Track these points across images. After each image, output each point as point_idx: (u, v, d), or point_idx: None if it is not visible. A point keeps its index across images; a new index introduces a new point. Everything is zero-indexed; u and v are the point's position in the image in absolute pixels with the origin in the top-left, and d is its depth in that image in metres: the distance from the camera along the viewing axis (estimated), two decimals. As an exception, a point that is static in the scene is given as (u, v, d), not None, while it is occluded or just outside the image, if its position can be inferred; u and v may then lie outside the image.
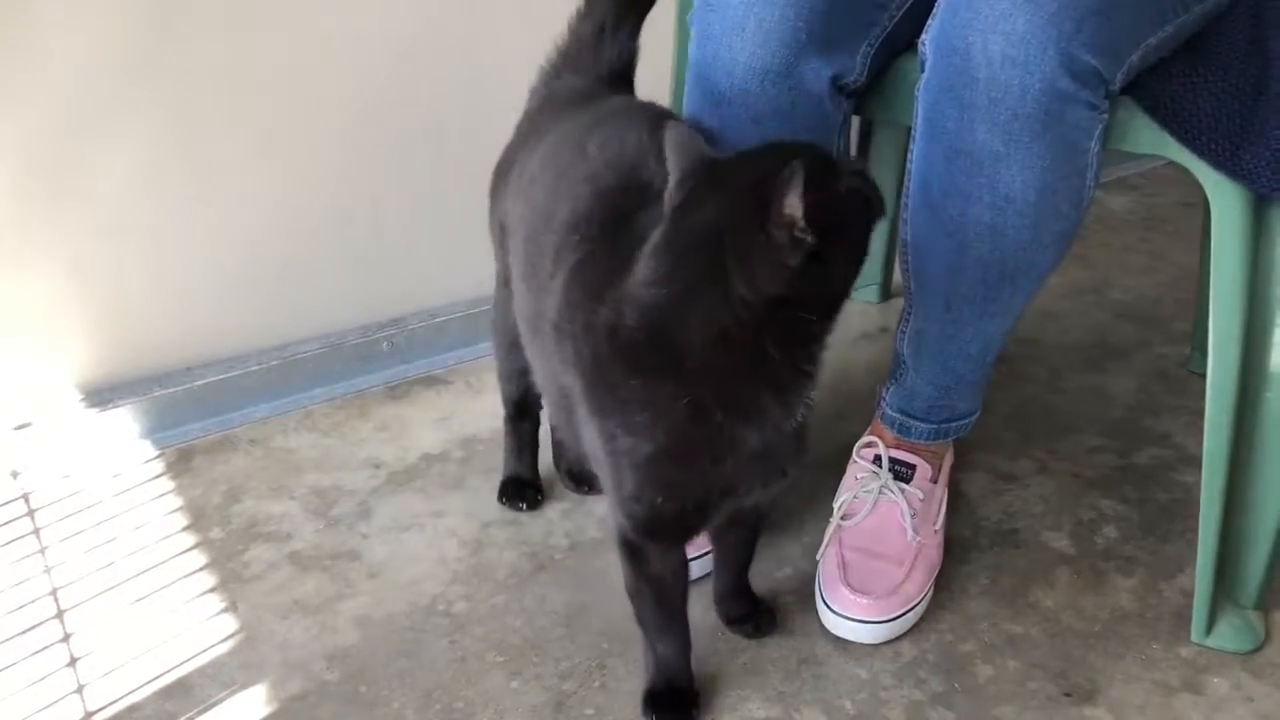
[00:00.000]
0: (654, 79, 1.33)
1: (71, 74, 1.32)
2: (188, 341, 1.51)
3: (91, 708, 1.08)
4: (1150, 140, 1.03)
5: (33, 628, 1.17)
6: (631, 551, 1.01)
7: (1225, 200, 1.02)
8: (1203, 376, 1.08)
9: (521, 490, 1.34)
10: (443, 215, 1.58)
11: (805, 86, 1.04)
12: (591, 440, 0.95)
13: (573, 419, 0.99)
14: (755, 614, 1.17)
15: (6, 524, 1.32)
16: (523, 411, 1.32)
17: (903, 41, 1.10)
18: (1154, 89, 1.01)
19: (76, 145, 1.35)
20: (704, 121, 1.06)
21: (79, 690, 1.10)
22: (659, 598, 1.03)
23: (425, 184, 1.58)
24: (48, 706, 1.08)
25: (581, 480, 1.35)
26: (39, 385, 1.42)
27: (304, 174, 1.51)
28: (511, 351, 1.21)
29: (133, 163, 1.39)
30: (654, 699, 1.06)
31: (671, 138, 0.87)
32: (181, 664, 1.13)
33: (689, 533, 1.01)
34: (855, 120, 1.17)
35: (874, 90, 1.13)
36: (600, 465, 0.96)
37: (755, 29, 1.00)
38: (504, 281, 1.18)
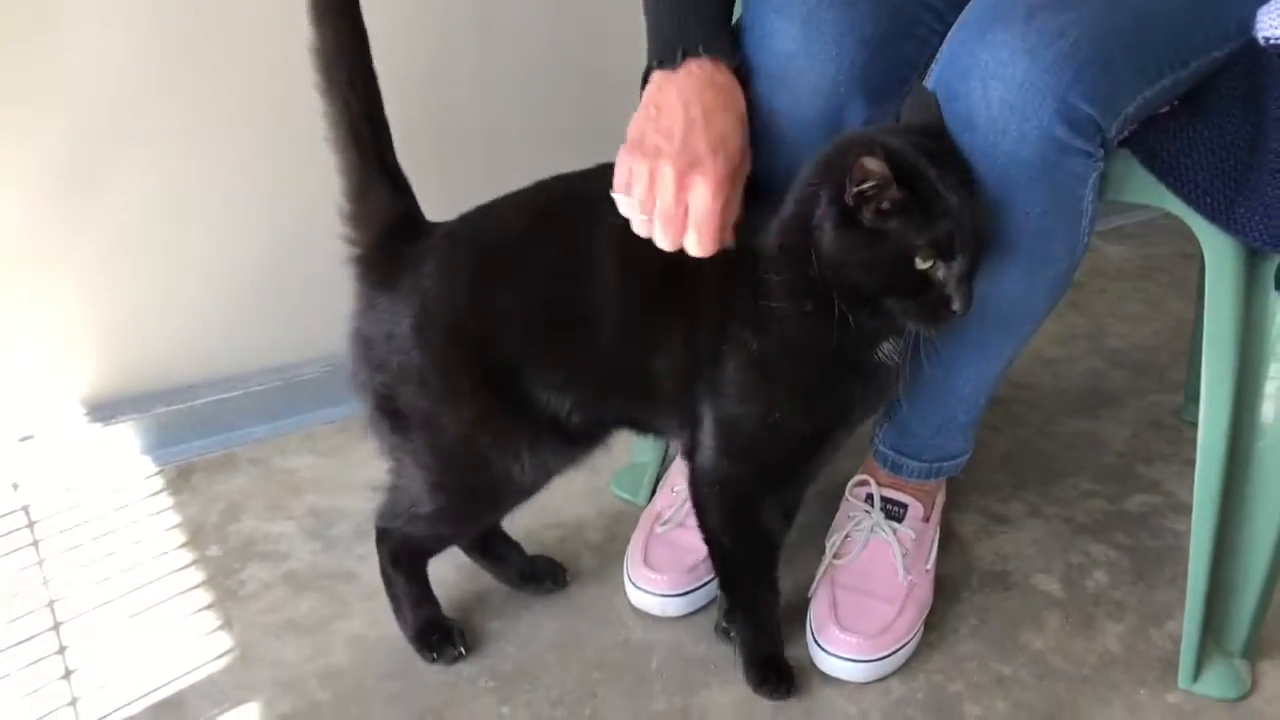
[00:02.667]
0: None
1: (87, 100, 1.34)
2: (191, 360, 1.52)
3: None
4: (1147, 192, 1.05)
5: (29, 639, 1.18)
6: (746, 511, 1.11)
7: (1219, 252, 1.04)
8: (1195, 425, 1.10)
9: (449, 632, 1.18)
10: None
11: None
12: (719, 392, 1.03)
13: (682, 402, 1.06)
14: None
15: (6, 535, 1.33)
16: (430, 555, 1.19)
17: None
18: (1151, 142, 1.03)
19: (86, 168, 1.37)
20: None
21: (73, 703, 1.11)
22: (766, 553, 1.15)
23: (428, 211, 1.59)
24: (42, 718, 1.09)
25: (536, 577, 1.27)
26: (42, 399, 1.43)
27: (307, 200, 1.51)
28: (473, 521, 1.19)
29: (140, 185, 1.41)
30: (766, 663, 1.16)
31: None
32: (175, 680, 1.14)
33: (798, 472, 1.12)
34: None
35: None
36: (732, 414, 1.04)
37: (796, 79, 1.03)
38: (495, 443, 1.06)
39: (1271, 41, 1.04)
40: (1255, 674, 1.17)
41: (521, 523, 1.34)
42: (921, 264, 0.93)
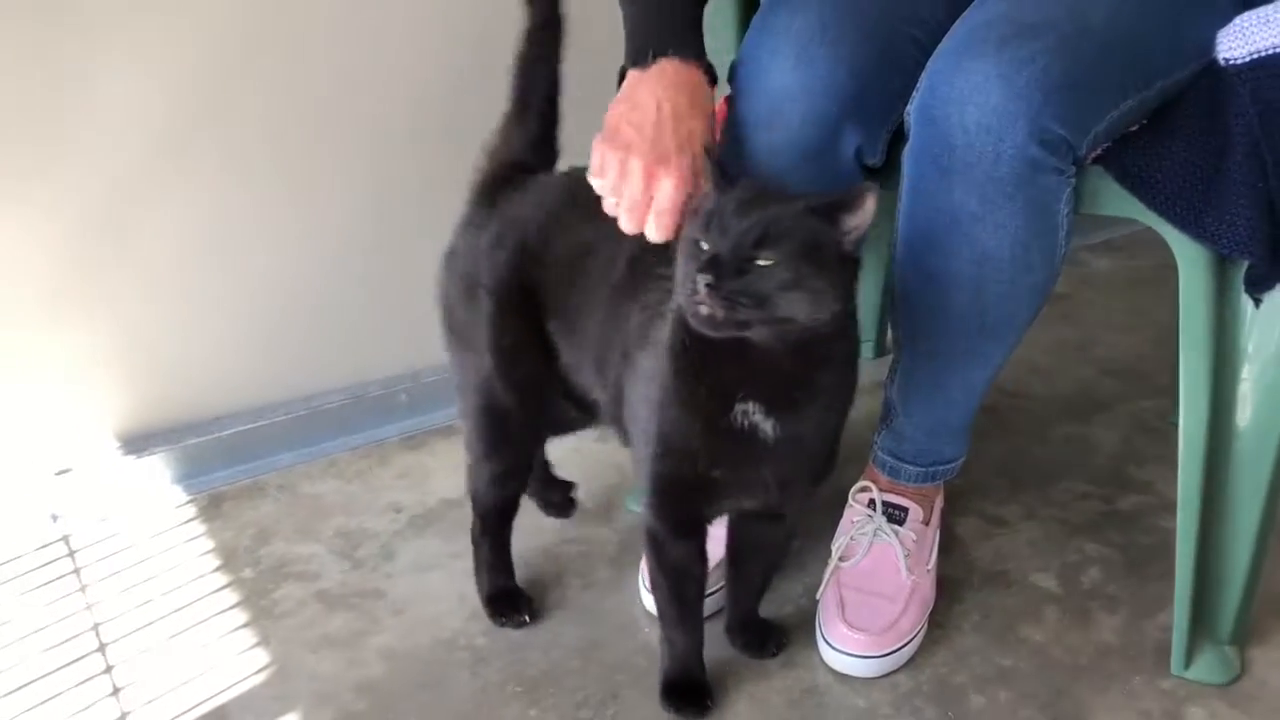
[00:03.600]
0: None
1: (121, 146, 1.42)
2: (218, 393, 1.59)
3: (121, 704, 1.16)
4: (1121, 205, 1.12)
5: (76, 660, 1.24)
6: (653, 541, 1.12)
7: (1190, 260, 1.12)
8: (1182, 428, 1.16)
9: (515, 601, 1.30)
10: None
11: (835, 165, 1.14)
12: (636, 408, 1.09)
13: (625, 404, 1.11)
14: (767, 637, 1.26)
15: (49, 564, 1.39)
16: (506, 516, 1.29)
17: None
18: (1123, 159, 1.10)
19: (119, 210, 1.44)
20: None
21: (122, 717, 1.17)
22: (676, 590, 1.14)
23: (441, 254, 1.67)
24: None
25: (550, 504, 1.45)
26: (79, 433, 1.50)
27: (328, 239, 1.60)
28: (503, 446, 1.24)
29: (169, 227, 1.48)
30: (672, 689, 1.17)
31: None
32: (218, 694, 1.20)
33: (696, 512, 1.11)
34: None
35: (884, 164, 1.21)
36: (637, 434, 1.09)
37: (792, 112, 1.11)
38: (496, 367, 1.18)
39: (1231, 62, 1.11)
40: (1244, 659, 1.23)
41: (541, 541, 1.42)
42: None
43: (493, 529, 1.29)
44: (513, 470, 1.27)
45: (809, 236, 0.93)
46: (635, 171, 1.02)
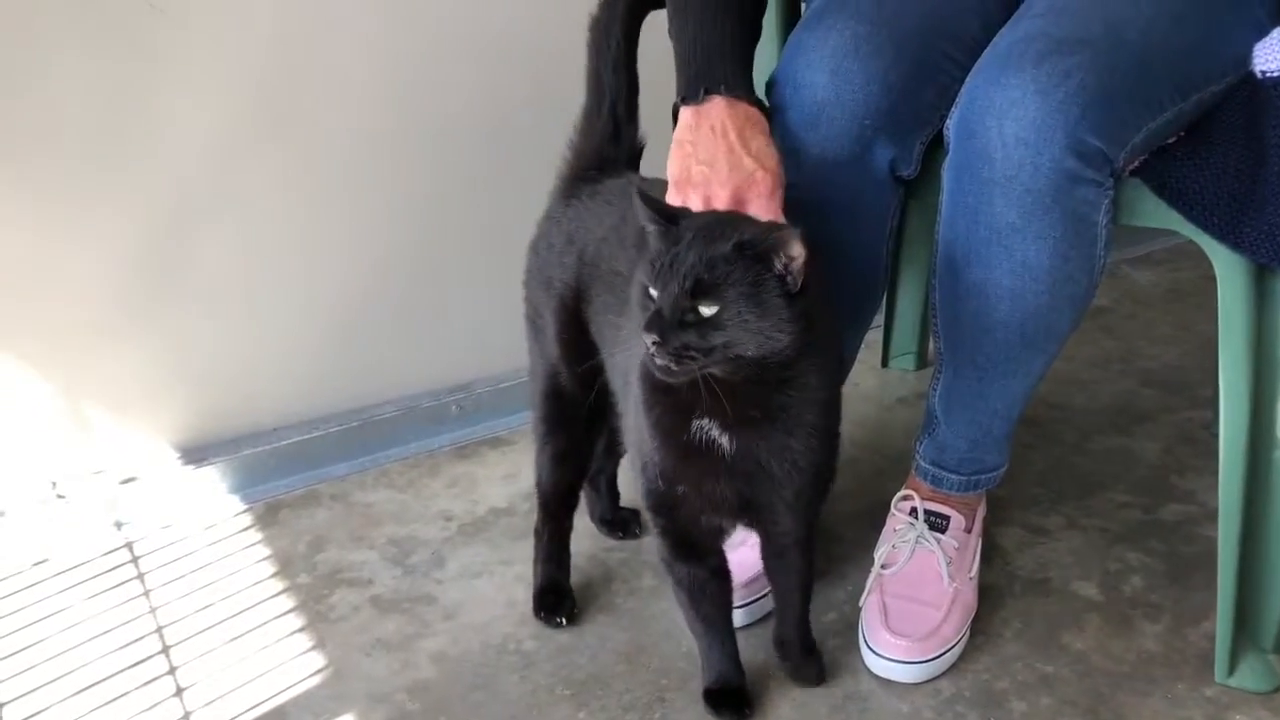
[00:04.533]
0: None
1: (180, 167, 1.47)
2: (275, 405, 1.64)
3: (189, 708, 1.20)
4: (1159, 217, 1.14)
5: (141, 661, 1.29)
6: (663, 560, 1.16)
7: (1229, 270, 1.13)
8: (1226, 438, 1.17)
9: (560, 601, 1.34)
10: (505, 293, 1.71)
11: (868, 175, 1.17)
12: (628, 431, 1.14)
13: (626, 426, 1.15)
14: (805, 663, 1.25)
15: (114, 569, 1.44)
16: (567, 504, 1.33)
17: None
18: (1161, 171, 1.12)
19: (178, 230, 1.50)
20: None
21: (186, 716, 1.21)
22: (693, 606, 1.17)
23: (490, 267, 1.71)
24: (152, 706, 1.19)
25: (614, 525, 1.48)
26: (142, 444, 1.55)
27: (380, 255, 1.65)
28: (565, 426, 1.28)
29: (227, 246, 1.54)
30: (711, 695, 1.20)
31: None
32: (277, 695, 1.24)
33: (685, 531, 1.12)
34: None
35: (918, 176, 1.24)
36: (632, 454, 1.14)
37: (827, 124, 1.14)
38: (561, 356, 1.24)
39: (1268, 75, 1.13)
40: (1288, 667, 1.23)
41: (587, 547, 1.45)
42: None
43: (554, 516, 1.34)
44: (572, 451, 1.30)
45: (746, 278, 0.94)
46: (723, 202, 1.05)
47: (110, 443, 1.53)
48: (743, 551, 1.35)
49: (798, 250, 0.94)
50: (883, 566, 1.32)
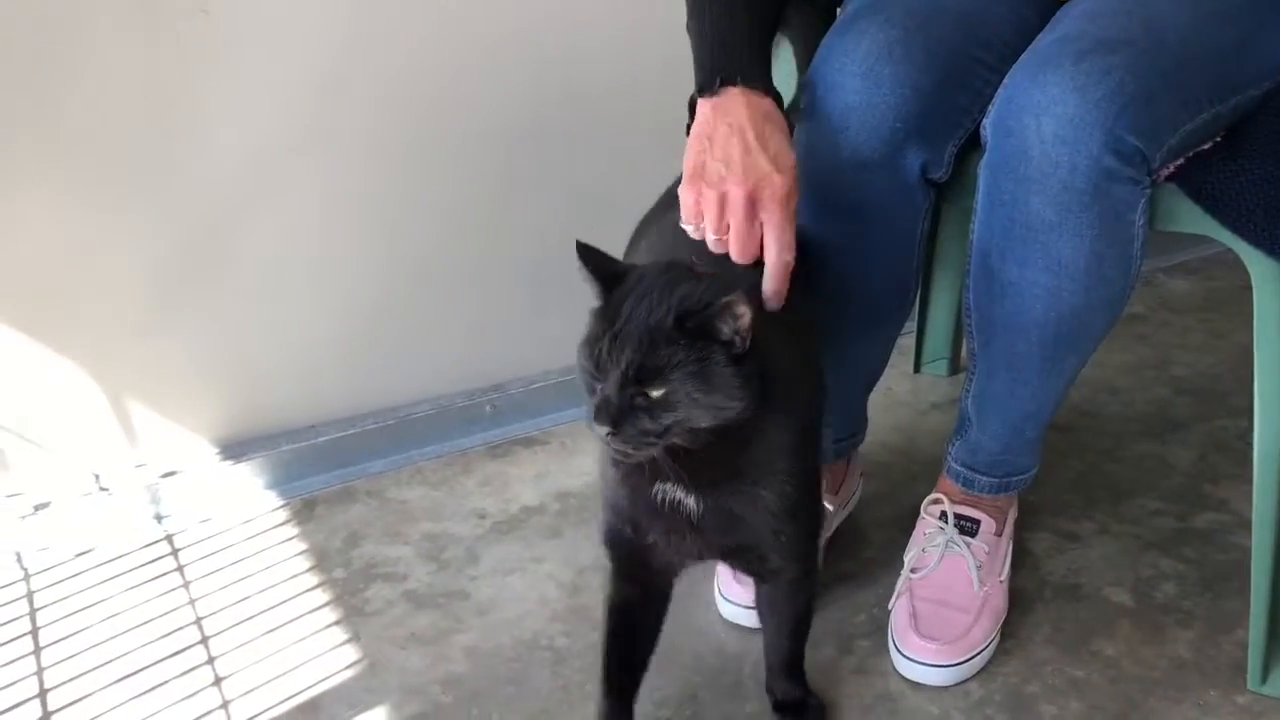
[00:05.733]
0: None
1: (219, 165, 1.50)
2: (312, 402, 1.66)
3: (228, 696, 1.23)
4: (1196, 222, 1.14)
5: (181, 651, 1.31)
6: (607, 572, 1.12)
7: (1265, 277, 1.13)
8: (1262, 447, 1.17)
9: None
10: (540, 294, 1.73)
11: (900, 178, 1.17)
12: None
13: None
14: (802, 707, 1.19)
15: (154, 561, 1.47)
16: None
17: (978, 137, 1.20)
18: (1198, 176, 1.12)
19: (219, 226, 1.53)
20: (802, 209, 1.20)
21: (224, 706, 1.23)
22: (609, 626, 1.12)
23: (526, 267, 1.73)
24: (200, 717, 1.22)
25: None
26: (182, 439, 1.58)
27: (417, 256, 1.67)
28: None
29: (266, 244, 1.56)
30: None
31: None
32: (312, 686, 1.26)
33: (631, 564, 1.09)
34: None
35: (950, 179, 1.23)
36: None
37: (858, 127, 1.14)
38: None
39: (1310, 81, 1.13)
40: (1322, 676, 1.23)
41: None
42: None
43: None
44: None
45: (692, 355, 0.90)
46: (738, 201, 1.04)
47: (152, 438, 1.56)
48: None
49: (743, 312, 0.91)
50: (912, 570, 1.33)
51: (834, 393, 1.35)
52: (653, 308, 0.92)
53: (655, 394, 0.90)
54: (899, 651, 1.26)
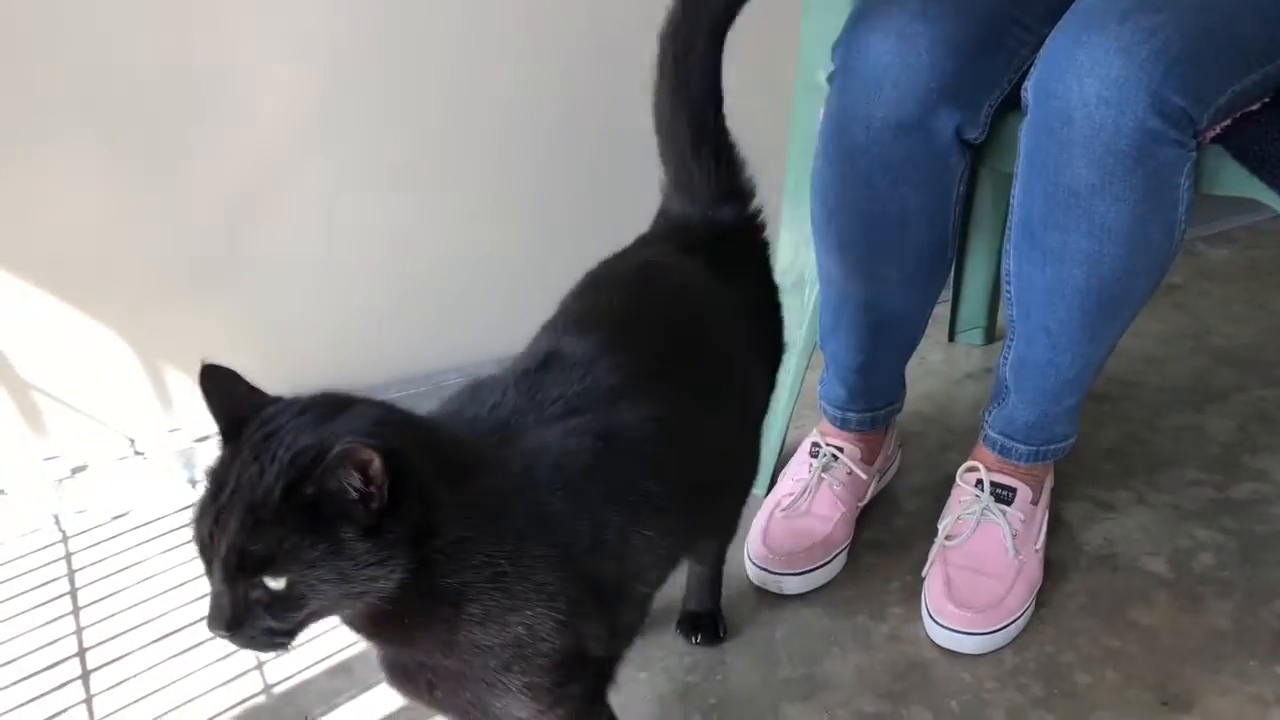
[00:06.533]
0: (770, 139, 1.46)
1: (255, 134, 1.50)
2: (346, 369, 1.66)
3: (271, 680, 1.23)
4: (1240, 184, 1.11)
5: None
6: None
7: (1311, 241, 1.10)
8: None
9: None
10: (575, 262, 1.72)
11: (934, 139, 1.15)
12: None
13: None
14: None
15: (189, 524, 1.47)
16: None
17: (1017, 100, 1.18)
18: (1244, 138, 1.10)
19: (253, 196, 1.52)
20: (837, 172, 1.18)
21: (259, 667, 1.24)
22: None
23: (561, 235, 1.72)
24: (235, 678, 1.23)
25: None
26: (216, 404, 1.59)
27: (450, 224, 1.66)
28: None
29: (301, 213, 1.56)
30: None
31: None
32: (343, 650, 1.26)
33: None
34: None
35: (986, 142, 1.22)
36: None
37: (893, 87, 1.13)
38: None
39: (1359, 40, 1.10)
40: (1364, 647, 1.21)
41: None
42: None
43: None
44: None
45: (310, 534, 0.71)
46: None
47: (186, 403, 1.57)
48: (807, 520, 1.36)
49: (367, 459, 0.70)
50: (947, 538, 1.32)
51: (871, 361, 1.35)
52: (264, 470, 0.72)
53: (275, 586, 0.72)
54: (932, 619, 1.26)
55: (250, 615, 0.73)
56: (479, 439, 0.84)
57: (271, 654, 0.75)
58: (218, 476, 0.74)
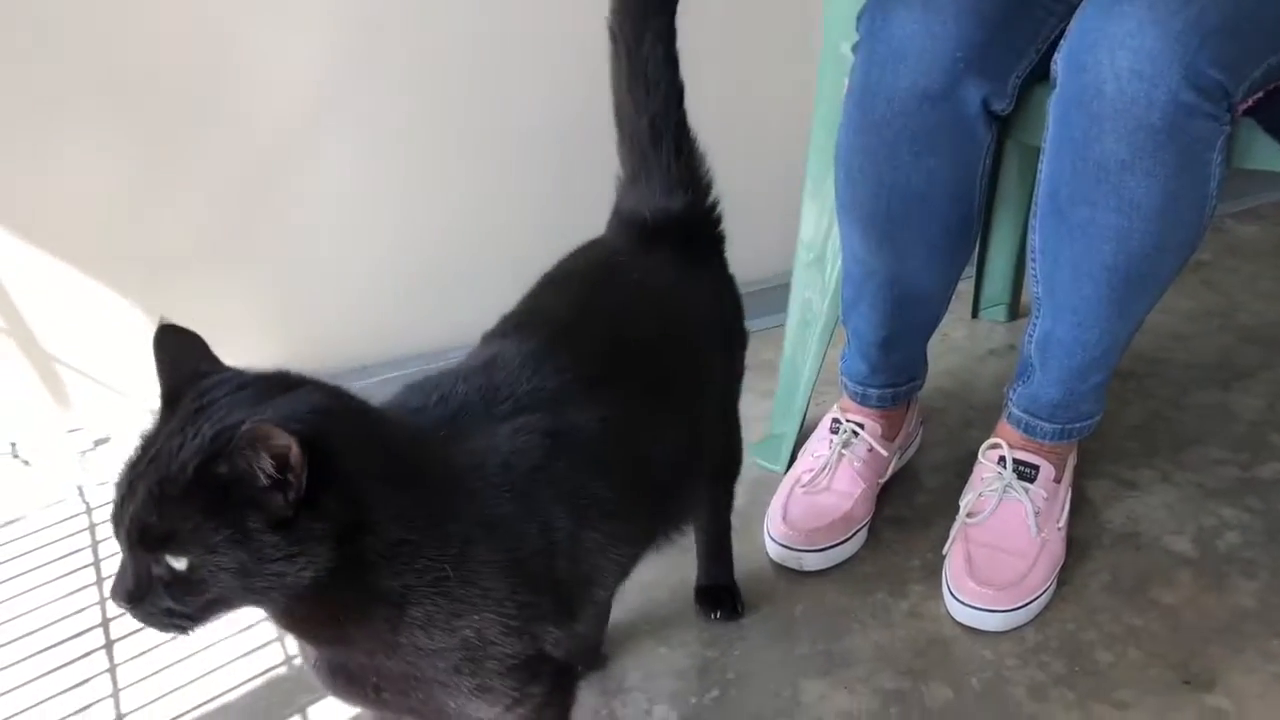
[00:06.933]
0: (797, 108, 1.44)
1: (269, 110, 1.50)
2: (359, 345, 1.67)
3: (292, 651, 1.23)
4: (1272, 159, 1.09)
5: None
6: None
7: (1344, 214, 1.08)
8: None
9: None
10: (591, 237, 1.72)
11: (960, 110, 1.14)
12: None
13: None
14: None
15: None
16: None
17: (1045, 71, 1.17)
18: (1276, 110, 1.08)
19: (276, 168, 1.53)
20: (861, 144, 1.16)
21: (280, 638, 1.25)
22: None
23: (576, 210, 1.71)
24: (258, 648, 1.24)
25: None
26: (237, 377, 1.59)
27: (463, 202, 1.66)
28: None
29: (316, 190, 1.56)
30: None
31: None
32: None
33: None
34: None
35: (1013, 114, 1.20)
36: None
37: (918, 57, 1.11)
38: None
39: (1397, 11, 1.07)
40: (1391, 628, 1.20)
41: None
42: None
43: None
44: None
45: (218, 517, 0.68)
46: None
47: (207, 376, 1.57)
48: (827, 496, 1.35)
49: (283, 445, 0.66)
50: (968, 515, 1.31)
51: (893, 336, 1.34)
52: (184, 442, 0.69)
53: (177, 566, 0.68)
54: (953, 596, 1.25)
55: (151, 592, 0.70)
56: (428, 437, 0.82)
57: (170, 635, 0.71)
58: (145, 442, 0.72)
